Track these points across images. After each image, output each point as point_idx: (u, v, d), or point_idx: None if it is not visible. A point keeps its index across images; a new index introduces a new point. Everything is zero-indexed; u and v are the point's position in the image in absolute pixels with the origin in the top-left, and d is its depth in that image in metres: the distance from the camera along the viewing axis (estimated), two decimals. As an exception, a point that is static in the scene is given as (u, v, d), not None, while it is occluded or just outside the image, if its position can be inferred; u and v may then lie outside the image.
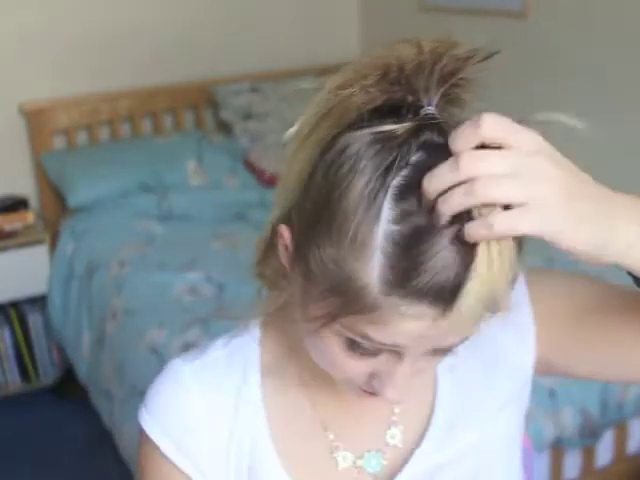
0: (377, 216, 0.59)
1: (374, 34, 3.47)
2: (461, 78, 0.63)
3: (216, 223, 2.72)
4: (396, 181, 0.59)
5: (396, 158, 0.60)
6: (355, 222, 0.59)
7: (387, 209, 0.59)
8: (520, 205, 0.55)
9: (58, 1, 2.98)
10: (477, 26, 2.95)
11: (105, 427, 2.36)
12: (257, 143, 3.09)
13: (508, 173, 0.55)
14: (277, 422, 0.80)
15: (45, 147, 2.99)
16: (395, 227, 0.59)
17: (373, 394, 0.70)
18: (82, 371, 2.57)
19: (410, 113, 0.63)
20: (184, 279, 2.32)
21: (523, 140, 0.57)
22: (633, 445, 2.00)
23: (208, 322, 2.04)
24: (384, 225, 0.59)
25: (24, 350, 2.93)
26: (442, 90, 0.62)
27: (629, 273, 0.66)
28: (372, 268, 0.59)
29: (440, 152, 0.58)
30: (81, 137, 3.10)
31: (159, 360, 1.99)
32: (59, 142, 3.07)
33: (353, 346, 0.65)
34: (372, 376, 0.68)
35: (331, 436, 0.81)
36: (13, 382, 2.94)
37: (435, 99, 0.62)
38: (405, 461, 0.81)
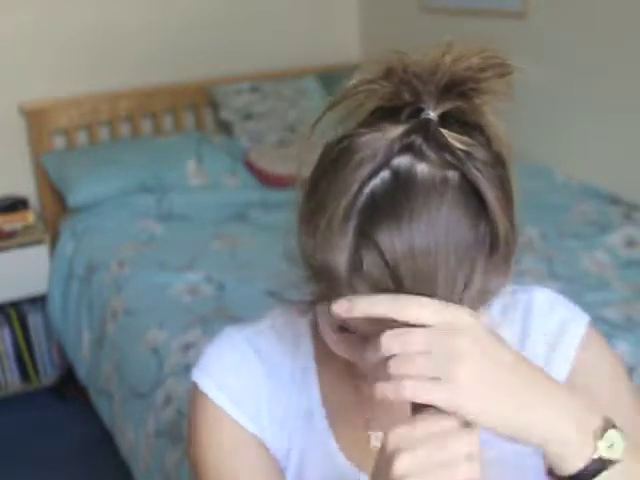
0: (348, 214, 0.61)
1: (374, 34, 3.47)
2: (471, 88, 0.63)
3: (216, 223, 2.72)
4: (374, 182, 0.61)
5: (377, 160, 0.61)
6: (328, 215, 0.62)
7: (358, 208, 0.61)
8: (433, 379, 0.59)
9: (58, 1, 2.98)
10: (477, 26, 2.95)
11: (105, 427, 2.36)
12: (257, 143, 3.09)
13: (422, 350, 0.59)
14: (328, 390, 0.83)
15: (45, 147, 2.99)
16: (363, 226, 0.61)
17: None
18: (82, 371, 2.57)
19: (410, 116, 0.63)
20: (184, 279, 2.32)
21: (450, 318, 0.60)
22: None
23: (208, 322, 2.04)
24: (353, 222, 0.61)
25: (24, 350, 2.93)
26: (447, 96, 0.63)
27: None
28: (341, 261, 0.61)
29: (423, 158, 0.61)
30: (81, 137, 3.10)
31: (159, 360, 1.99)
32: (59, 142, 3.07)
33: (340, 329, 0.68)
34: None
35: (368, 415, 0.82)
36: (13, 382, 2.94)
37: (433, 104, 0.63)
38: None
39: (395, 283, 0.60)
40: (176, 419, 1.79)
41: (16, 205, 2.88)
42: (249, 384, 0.82)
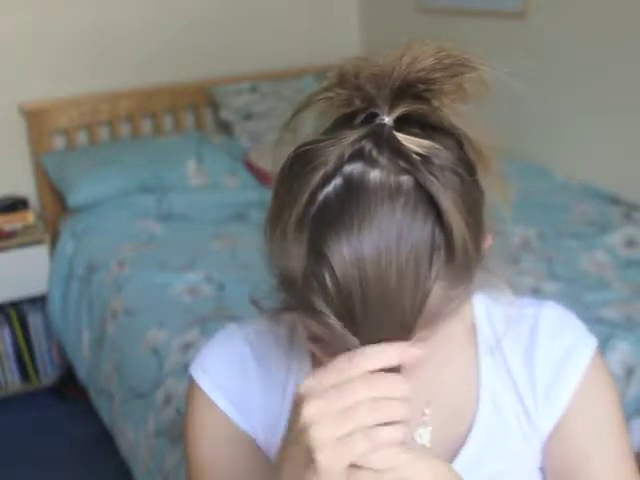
0: (301, 223, 0.61)
1: (374, 34, 3.47)
2: (425, 89, 0.62)
3: (216, 223, 2.72)
4: (326, 190, 0.61)
5: (328, 167, 0.61)
6: (282, 223, 0.62)
7: (311, 217, 0.61)
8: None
9: (58, 1, 2.98)
10: (477, 26, 2.95)
11: (105, 427, 2.36)
12: (257, 143, 3.09)
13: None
14: None
15: (45, 147, 2.99)
16: (314, 236, 0.60)
17: None
18: (82, 371, 2.57)
19: (365, 122, 0.63)
20: (184, 279, 2.32)
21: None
22: (633, 445, 2.00)
23: (208, 322, 2.04)
24: (306, 232, 0.61)
25: (24, 350, 2.93)
26: (400, 100, 0.62)
27: None
28: (297, 271, 0.61)
29: (375, 165, 0.60)
30: (81, 137, 3.10)
31: (159, 360, 1.99)
32: (59, 142, 3.07)
33: (312, 338, 0.66)
34: None
35: None
36: (13, 382, 2.94)
37: (387, 108, 0.62)
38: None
39: (345, 305, 0.59)
40: (176, 419, 1.79)
41: (16, 205, 2.88)
42: (243, 384, 0.83)
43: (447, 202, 0.60)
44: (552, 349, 0.82)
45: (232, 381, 0.83)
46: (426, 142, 0.62)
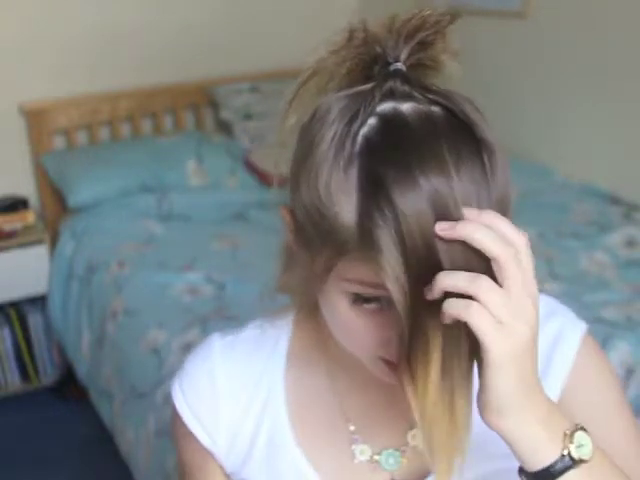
0: (349, 161, 0.61)
1: (374, 34, 3.46)
2: (429, 35, 0.65)
3: (216, 223, 2.72)
4: (364, 130, 0.61)
5: (360, 108, 0.62)
6: (327, 168, 0.62)
7: (357, 156, 0.61)
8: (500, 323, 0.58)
9: (58, 1, 2.98)
10: (477, 26, 2.95)
11: (105, 427, 2.36)
12: (257, 143, 3.09)
13: (502, 303, 0.58)
14: (297, 407, 0.82)
15: (45, 147, 2.99)
16: (363, 171, 0.60)
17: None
18: (82, 371, 2.57)
19: (380, 72, 0.65)
20: (184, 279, 2.32)
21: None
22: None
23: (208, 322, 2.04)
24: (355, 168, 0.61)
25: (24, 350, 2.93)
26: (410, 46, 0.64)
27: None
28: (348, 210, 0.61)
29: (405, 99, 0.62)
30: (81, 137, 3.10)
31: (159, 360, 1.99)
32: (59, 142, 3.07)
33: (356, 300, 0.65)
34: (386, 342, 0.67)
35: (352, 427, 0.81)
36: (13, 382, 2.94)
37: (403, 55, 0.64)
38: (423, 464, 0.80)
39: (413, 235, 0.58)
40: (176, 419, 1.79)
41: (16, 205, 2.88)
42: (212, 403, 0.83)
43: (482, 125, 0.62)
44: (544, 333, 0.80)
45: (201, 401, 0.83)
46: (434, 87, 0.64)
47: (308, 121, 0.66)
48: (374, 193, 0.59)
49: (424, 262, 0.58)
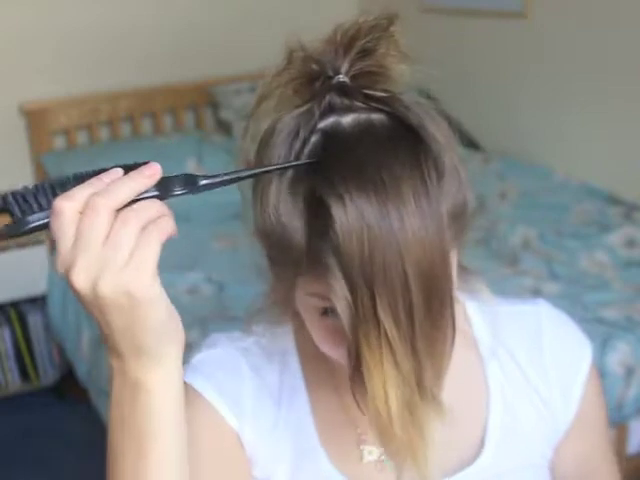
0: (295, 182, 0.62)
1: (374, 34, 3.46)
2: (368, 42, 0.64)
3: (216, 223, 2.72)
4: (308, 149, 0.62)
5: (299, 127, 0.62)
6: (274, 192, 0.63)
7: (303, 175, 0.61)
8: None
9: (58, 1, 2.98)
10: (477, 26, 2.96)
11: (105, 427, 2.35)
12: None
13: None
14: (318, 407, 0.82)
15: (45, 147, 2.99)
16: (308, 191, 0.61)
17: None
18: (82, 371, 2.57)
19: (321, 87, 0.64)
20: (184, 279, 2.31)
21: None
22: (633, 445, 2.00)
23: (208, 322, 2.03)
24: (301, 188, 0.61)
25: (24, 350, 2.93)
26: (350, 57, 0.64)
27: None
28: (297, 232, 0.61)
29: (346, 111, 0.62)
30: (81, 137, 3.10)
31: (159, 360, 1.99)
32: (59, 142, 3.07)
33: (324, 313, 0.66)
34: None
35: (359, 429, 0.82)
36: (13, 382, 2.94)
37: (344, 67, 0.64)
38: None
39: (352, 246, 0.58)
40: (176, 419, 1.79)
41: (16, 205, 2.88)
42: (237, 386, 0.81)
43: (429, 127, 0.61)
44: (561, 347, 0.84)
45: (225, 379, 0.81)
46: (381, 93, 0.64)
47: (257, 145, 0.67)
48: (317, 214, 0.59)
49: (366, 278, 0.58)
